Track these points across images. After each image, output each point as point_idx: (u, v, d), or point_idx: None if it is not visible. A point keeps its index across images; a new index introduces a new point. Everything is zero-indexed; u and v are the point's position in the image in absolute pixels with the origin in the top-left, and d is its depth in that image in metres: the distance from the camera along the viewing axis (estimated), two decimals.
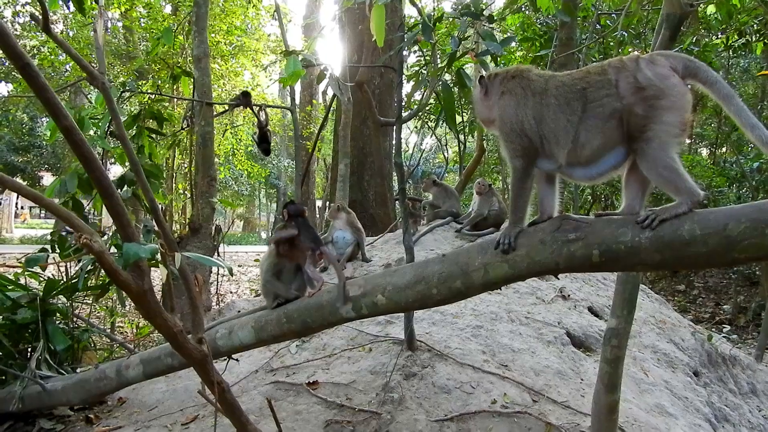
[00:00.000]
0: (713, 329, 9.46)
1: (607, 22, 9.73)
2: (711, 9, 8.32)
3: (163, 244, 3.01)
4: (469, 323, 5.48)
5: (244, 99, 8.68)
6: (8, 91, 22.86)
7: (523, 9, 11.07)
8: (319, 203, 22.38)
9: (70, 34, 15.79)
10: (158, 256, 3.07)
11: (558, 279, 6.56)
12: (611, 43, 10.05)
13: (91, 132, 5.77)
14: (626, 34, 9.19)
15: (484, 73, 2.91)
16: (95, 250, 2.46)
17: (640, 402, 4.79)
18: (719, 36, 12.10)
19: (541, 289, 6.44)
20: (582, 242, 2.47)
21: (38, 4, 3.70)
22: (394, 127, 4.89)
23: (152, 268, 3.49)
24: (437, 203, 8.73)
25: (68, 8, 5.27)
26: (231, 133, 17.44)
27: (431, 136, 24.60)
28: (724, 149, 18.54)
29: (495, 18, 4.86)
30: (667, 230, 2.28)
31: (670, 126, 2.35)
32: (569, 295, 6.44)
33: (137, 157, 5.66)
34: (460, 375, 4.58)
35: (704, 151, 20.68)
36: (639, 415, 4.48)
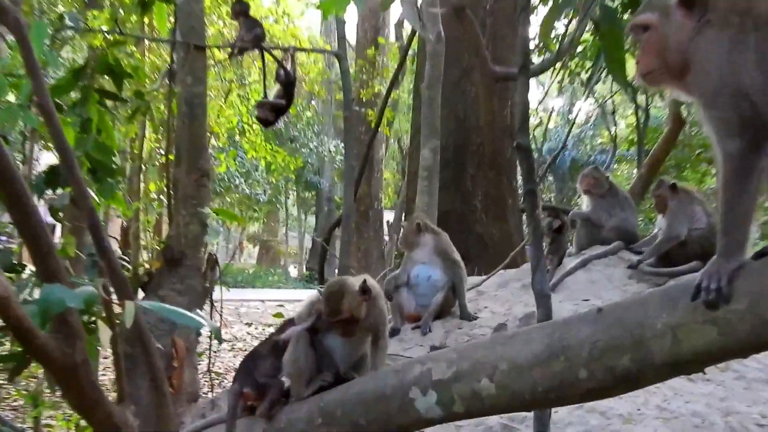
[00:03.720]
0: None
1: None
2: None
3: (107, 286, 1.95)
4: None
5: (252, 32, 5.97)
6: None
7: None
8: (389, 216, 15.29)
9: None
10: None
11: None
12: None
13: (11, 98, 4.05)
14: None
15: None
16: None
17: None
18: None
19: None
20: None
21: None
22: (518, 84, 3.29)
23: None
24: (597, 217, 6.09)
25: None
26: (239, 95, 12.26)
27: (586, 98, 17.29)
28: None
29: None
30: None
31: None
32: None
33: (80, 137, 4.09)
34: None
35: None
36: None
